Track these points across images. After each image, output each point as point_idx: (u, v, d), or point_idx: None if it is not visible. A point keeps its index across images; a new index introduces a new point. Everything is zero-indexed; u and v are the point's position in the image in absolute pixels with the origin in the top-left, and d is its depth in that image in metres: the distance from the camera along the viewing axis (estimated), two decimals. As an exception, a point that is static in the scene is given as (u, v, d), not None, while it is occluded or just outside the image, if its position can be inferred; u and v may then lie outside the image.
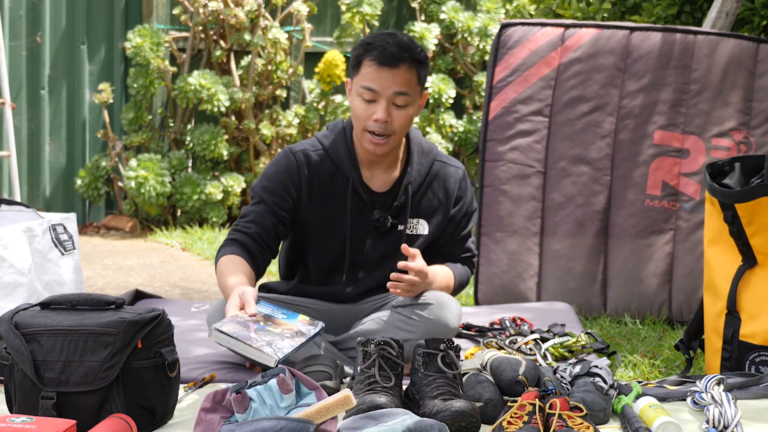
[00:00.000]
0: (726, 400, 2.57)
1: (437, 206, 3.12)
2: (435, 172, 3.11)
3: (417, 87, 2.96)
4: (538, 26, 4.20)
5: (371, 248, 3.08)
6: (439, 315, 2.97)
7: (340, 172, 3.03)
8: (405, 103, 2.93)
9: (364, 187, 3.04)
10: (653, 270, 4.13)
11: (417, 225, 3.10)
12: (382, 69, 2.91)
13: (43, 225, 3.32)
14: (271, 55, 6.38)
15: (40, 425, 2.25)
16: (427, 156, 3.11)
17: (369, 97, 2.92)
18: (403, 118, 2.94)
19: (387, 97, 2.91)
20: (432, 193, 3.11)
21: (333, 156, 3.04)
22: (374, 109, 2.92)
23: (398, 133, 2.96)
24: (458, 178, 3.14)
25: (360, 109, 2.94)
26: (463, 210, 3.17)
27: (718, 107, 4.12)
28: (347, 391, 2.31)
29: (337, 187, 3.04)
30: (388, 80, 2.91)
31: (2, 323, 2.47)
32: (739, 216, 2.92)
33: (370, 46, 2.93)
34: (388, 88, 2.91)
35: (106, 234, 6.32)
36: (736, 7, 4.33)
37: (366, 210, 3.05)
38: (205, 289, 4.76)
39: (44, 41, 6.29)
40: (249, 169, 6.53)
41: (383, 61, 2.90)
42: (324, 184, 3.03)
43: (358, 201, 3.04)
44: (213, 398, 2.35)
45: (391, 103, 2.92)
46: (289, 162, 3.03)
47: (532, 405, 2.45)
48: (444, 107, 6.67)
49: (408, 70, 2.92)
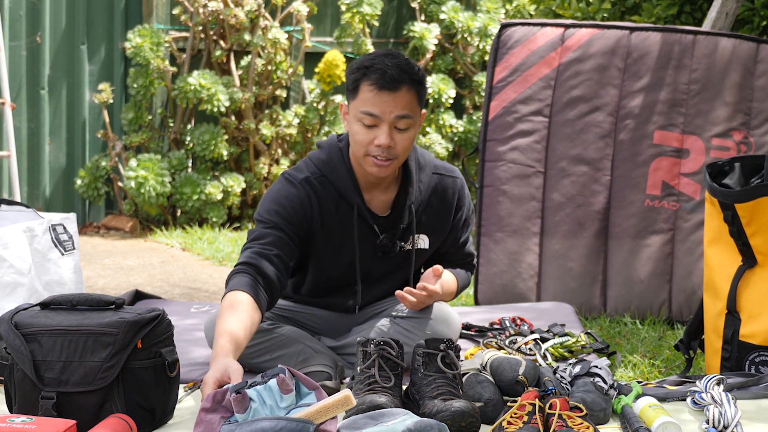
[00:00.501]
0: (726, 400, 2.57)
1: (437, 221, 3.10)
2: (433, 187, 3.06)
3: (417, 108, 2.87)
4: (538, 26, 4.20)
5: (376, 268, 3.07)
6: (437, 331, 2.99)
7: (343, 198, 2.95)
8: (407, 126, 2.85)
9: (369, 212, 2.98)
10: (653, 270, 4.13)
11: (418, 240, 3.08)
12: (382, 93, 2.81)
13: (43, 225, 3.32)
14: (271, 55, 6.38)
15: (40, 425, 2.26)
16: (425, 170, 3.05)
17: (370, 122, 2.82)
18: (405, 141, 2.85)
19: (389, 121, 2.82)
20: (432, 209, 3.07)
21: (334, 182, 2.95)
22: (376, 133, 2.83)
23: (401, 156, 2.88)
24: (456, 189, 3.10)
25: (360, 134, 2.84)
26: (462, 219, 3.16)
27: (718, 107, 4.12)
28: (347, 391, 2.31)
29: (342, 214, 2.96)
30: (389, 104, 2.81)
31: (2, 323, 2.47)
32: (739, 216, 2.92)
33: (368, 70, 2.82)
34: (390, 112, 2.81)
35: (106, 234, 6.32)
36: (736, 8, 4.33)
37: (372, 234, 3.00)
38: (205, 289, 4.76)
39: (44, 41, 6.29)
40: (249, 169, 6.53)
41: (383, 85, 2.80)
42: (330, 211, 2.95)
43: (364, 226, 2.98)
44: (213, 398, 2.35)
45: (393, 127, 2.83)
46: (300, 192, 2.92)
47: (532, 405, 2.45)
48: (444, 107, 6.67)
49: (408, 92, 2.83)
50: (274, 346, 2.94)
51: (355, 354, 2.78)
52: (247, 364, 2.88)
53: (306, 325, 3.10)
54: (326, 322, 3.11)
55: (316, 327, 3.12)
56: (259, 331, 2.90)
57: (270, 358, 2.92)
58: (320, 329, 3.12)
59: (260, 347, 2.94)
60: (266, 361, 2.92)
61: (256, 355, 2.93)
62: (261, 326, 2.93)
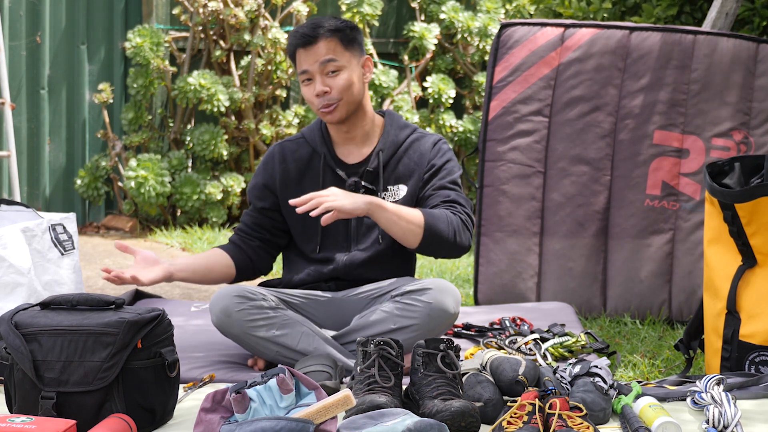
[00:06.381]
0: (726, 400, 2.57)
1: (414, 168, 3.17)
2: (411, 141, 3.20)
3: (344, 52, 3.09)
4: (538, 26, 4.20)
5: (355, 219, 3.14)
6: (438, 299, 2.97)
7: (315, 152, 3.19)
8: (336, 69, 3.07)
9: (338, 161, 3.17)
10: (653, 270, 4.13)
11: (397, 191, 3.16)
12: (306, 50, 3.08)
13: (43, 225, 3.32)
14: (271, 55, 6.38)
15: (40, 425, 2.26)
16: (404, 129, 3.22)
17: (306, 79, 3.10)
18: (340, 82, 3.07)
19: (317, 71, 3.07)
20: (408, 159, 3.18)
21: (309, 140, 3.21)
22: (313, 86, 3.08)
23: (344, 97, 3.08)
24: (435, 141, 3.21)
25: (306, 93, 3.11)
26: (439, 166, 3.18)
27: (718, 107, 4.12)
28: (347, 391, 2.31)
29: (313, 168, 3.18)
30: (311, 56, 3.07)
31: (2, 323, 2.47)
32: (739, 216, 2.92)
33: (291, 37, 3.11)
34: (314, 62, 3.07)
35: (106, 234, 6.32)
36: (736, 8, 4.33)
37: (341, 182, 3.14)
38: (204, 289, 4.77)
39: (44, 41, 6.29)
40: (249, 169, 6.53)
41: (302, 43, 3.08)
42: (300, 168, 3.19)
43: (333, 175, 3.16)
44: (213, 398, 2.35)
45: (324, 75, 3.07)
46: (266, 158, 3.23)
47: (532, 405, 2.45)
48: (444, 107, 6.68)
49: (327, 40, 3.07)
50: (281, 324, 2.99)
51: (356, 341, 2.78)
52: (257, 338, 2.98)
53: (308, 314, 3.12)
54: (327, 312, 3.12)
55: (316, 316, 3.14)
56: (266, 307, 3.00)
57: (278, 333, 2.98)
58: (320, 319, 3.13)
59: (269, 321, 2.98)
60: (274, 336, 2.97)
61: (265, 328, 2.98)
62: (269, 303, 3.01)
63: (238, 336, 2.99)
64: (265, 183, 3.21)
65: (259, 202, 3.21)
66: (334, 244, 3.16)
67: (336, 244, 3.16)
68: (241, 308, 2.97)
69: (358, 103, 3.13)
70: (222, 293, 3.00)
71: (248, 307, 2.97)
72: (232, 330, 2.98)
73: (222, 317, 2.97)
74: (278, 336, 2.97)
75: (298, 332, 2.98)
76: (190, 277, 3.08)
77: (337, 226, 3.14)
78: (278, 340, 2.97)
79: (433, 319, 2.96)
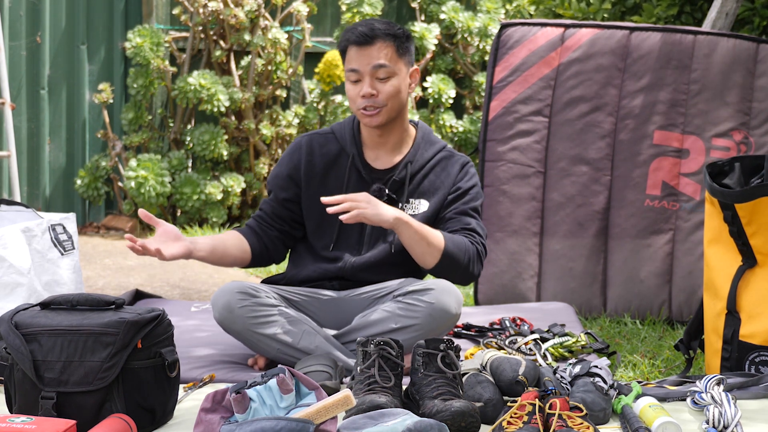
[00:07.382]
0: (726, 400, 2.57)
1: (438, 186, 3.17)
2: (440, 158, 3.20)
3: (398, 59, 3.10)
4: (538, 26, 4.20)
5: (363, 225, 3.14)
6: (440, 299, 2.97)
7: (344, 151, 3.18)
8: (387, 75, 3.08)
9: (365, 164, 3.17)
10: (653, 270, 4.13)
11: (418, 205, 3.16)
12: (359, 49, 3.09)
13: (43, 225, 3.32)
14: (271, 55, 6.38)
15: (40, 425, 2.26)
16: (434, 144, 3.22)
17: (354, 78, 3.10)
18: (389, 88, 3.08)
19: (368, 72, 3.08)
20: (435, 176, 3.18)
21: (339, 137, 3.20)
22: (361, 87, 3.09)
23: (389, 104, 3.09)
24: (463, 163, 3.21)
25: (350, 91, 3.12)
26: (464, 190, 3.18)
27: (718, 107, 4.12)
28: (347, 391, 2.31)
29: (339, 166, 3.18)
30: (365, 57, 3.08)
31: (2, 323, 2.47)
32: (739, 216, 2.92)
33: (347, 33, 3.12)
34: (367, 64, 3.07)
35: (106, 234, 6.32)
36: (736, 8, 4.33)
37: (365, 186, 3.14)
38: (204, 289, 4.77)
39: (44, 41, 6.29)
40: (249, 169, 6.52)
41: (358, 42, 3.09)
42: (327, 163, 3.18)
43: (358, 177, 3.16)
44: (213, 398, 2.35)
45: (374, 78, 3.08)
46: (293, 148, 3.22)
47: (532, 405, 2.45)
48: (444, 107, 6.67)
49: (383, 44, 3.08)
50: (283, 321, 3.00)
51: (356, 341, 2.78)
52: (259, 335, 2.98)
53: (310, 313, 3.12)
54: (328, 311, 3.13)
55: (318, 315, 3.13)
56: (269, 304, 3.00)
57: (279, 331, 2.98)
58: (322, 318, 3.13)
59: (271, 318, 2.99)
60: (275, 334, 2.98)
61: (267, 325, 2.98)
62: (271, 300, 3.01)
63: (240, 332, 2.99)
64: (289, 173, 3.19)
65: (282, 193, 3.20)
66: (346, 245, 3.16)
67: (348, 244, 3.16)
68: (244, 305, 2.97)
69: (399, 111, 3.14)
70: (225, 289, 3.00)
71: (251, 303, 2.98)
72: (234, 326, 2.98)
73: (224, 313, 2.98)
74: (279, 333, 2.97)
75: (300, 330, 2.99)
76: (208, 257, 3.07)
77: (353, 227, 3.14)
78: (279, 337, 2.97)
79: (434, 319, 2.96)
